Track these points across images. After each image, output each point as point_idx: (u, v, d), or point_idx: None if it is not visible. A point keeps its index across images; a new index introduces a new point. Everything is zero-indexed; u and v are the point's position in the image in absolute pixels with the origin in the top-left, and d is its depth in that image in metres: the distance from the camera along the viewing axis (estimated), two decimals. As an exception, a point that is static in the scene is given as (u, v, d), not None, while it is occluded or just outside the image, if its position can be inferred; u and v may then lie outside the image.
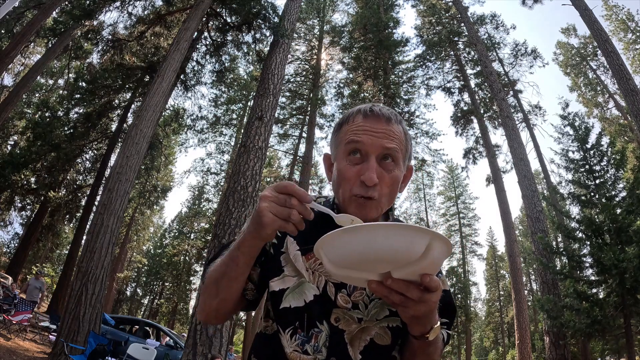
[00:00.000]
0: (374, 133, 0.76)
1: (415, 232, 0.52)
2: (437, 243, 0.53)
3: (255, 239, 0.67)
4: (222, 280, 0.75)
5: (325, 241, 0.57)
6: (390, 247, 0.52)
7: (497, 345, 33.21)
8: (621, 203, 8.27)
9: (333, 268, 0.59)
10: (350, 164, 0.77)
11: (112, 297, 25.57)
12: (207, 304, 0.79)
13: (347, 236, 0.54)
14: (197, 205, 28.67)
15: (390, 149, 0.76)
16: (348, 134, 0.79)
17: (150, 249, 33.57)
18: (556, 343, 8.98)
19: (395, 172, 0.77)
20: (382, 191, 0.76)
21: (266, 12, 10.20)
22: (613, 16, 23.46)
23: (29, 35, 11.50)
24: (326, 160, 0.90)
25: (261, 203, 0.63)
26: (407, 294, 0.56)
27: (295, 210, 0.62)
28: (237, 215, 6.45)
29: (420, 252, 0.52)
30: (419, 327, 0.65)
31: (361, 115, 0.80)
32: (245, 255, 0.71)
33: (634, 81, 10.57)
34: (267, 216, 0.62)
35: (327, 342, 0.75)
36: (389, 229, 0.52)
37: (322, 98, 16.48)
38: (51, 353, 6.70)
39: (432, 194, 33.27)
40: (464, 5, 17.19)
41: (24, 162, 14.07)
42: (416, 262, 0.53)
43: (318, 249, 0.60)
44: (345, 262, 0.56)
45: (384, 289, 0.56)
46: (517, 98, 17.65)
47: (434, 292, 0.57)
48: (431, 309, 0.60)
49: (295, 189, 0.62)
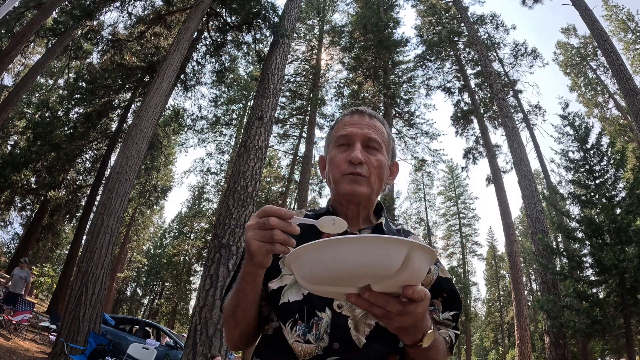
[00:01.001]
0: (358, 125, 0.88)
1: (389, 243, 0.47)
2: (417, 252, 0.49)
3: (251, 267, 0.68)
4: (237, 312, 0.78)
5: (294, 257, 0.53)
6: (363, 261, 0.47)
7: (497, 345, 33.21)
8: (621, 203, 8.27)
9: (307, 284, 0.55)
10: (339, 152, 0.87)
11: (112, 297, 25.57)
12: (231, 335, 0.83)
13: (315, 252, 0.50)
14: (197, 205, 28.67)
15: (372, 138, 0.86)
16: (337, 130, 0.90)
17: (150, 249, 33.58)
18: (556, 343, 8.98)
19: (380, 157, 0.86)
20: (370, 170, 0.84)
21: (266, 12, 10.20)
22: (613, 16, 23.47)
23: (29, 35, 11.50)
24: (321, 162, 0.97)
25: (247, 233, 0.64)
26: (388, 308, 0.53)
27: (278, 230, 0.61)
28: (237, 215, 6.45)
29: (397, 264, 0.48)
30: (409, 337, 0.63)
31: (348, 113, 0.92)
32: (250, 285, 0.73)
33: (634, 81, 10.57)
34: (253, 244, 0.63)
35: (329, 328, 0.75)
36: (361, 242, 0.47)
37: (322, 98, 16.49)
38: (51, 353, 6.70)
39: (432, 194, 33.31)
40: (464, 5, 17.19)
41: (24, 162, 14.07)
42: (395, 276, 0.49)
43: (289, 264, 0.56)
44: (317, 278, 0.52)
45: (364, 303, 0.53)
46: (517, 98, 17.65)
47: (418, 303, 0.54)
48: (418, 320, 0.57)
49: (274, 209, 0.62)
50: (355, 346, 0.74)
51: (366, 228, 0.88)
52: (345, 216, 0.87)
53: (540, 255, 9.83)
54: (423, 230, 30.72)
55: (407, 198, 33.15)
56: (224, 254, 6.09)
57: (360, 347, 0.74)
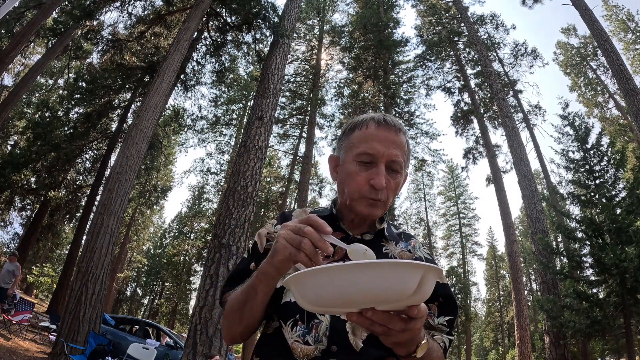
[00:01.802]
0: (386, 143, 0.83)
1: (406, 269, 0.47)
2: (430, 275, 0.49)
3: (269, 267, 0.68)
4: (244, 308, 0.77)
5: (298, 279, 0.51)
6: (378, 287, 0.47)
7: (497, 345, 33.20)
8: (621, 203, 8.27)
9: (308, 306, 0.54)
10: (361, 168, 0.83)
11: (112, 297, 25.57)
12: (233, 330, 0.83)
13: (325, 276, 0.48)
14: (197, 205, 28.67)
15: (397, 161, 0.84)
16: (360, 139, 0.85)
17: (150, 249, 33.57)
18: (556, 343, 8.98)
19: (398, 179, 0.86)
20: (387, 194, 0.84)
21: (266, 12, 10.20)
22: (613, 16, 23.46)
23: (29, 35, 11.50)
24: (332, 161, 0.93)
25: (280, 231, 0.64)
26: (390, 326, 0.53)
27: (307, 240, 0.60)
28: (237, 215, 6.45)
29: (412, 288, 0.48)
30: (404, 350, 0.64)
31: (374, 123, 0.86)
32: (263, 284, 0.72)
33: (634, 81, 10.56)
34: (280, 242, 0.63)
35: (328, 331, 0.76)
36: (377, 268, 0.46)
37: (322, 98, 16.49)
38: (51, 353, 6.70)
39: (432, 194, 33.31)
40: (464, 5, 17.19)
41: (24, 162, 14.07)
42: (407, 298, 0.49)
43: (289, 285, 0.54)
44: (323, 301, 0.51)
45: (365, 321, 0.53)
46: (517, 98, 17.65)
47: (418, 319, 0.55)
48: (414, 335, 0.58)
49: (316, 220, 0.62)
50: (353, 350, 0.75)
51: (368, 233, 0.91)
52: (351, 222, 0.90)
53: (540, 255, 9.83)
54: (423, 230, 30.72)
55: (407, 198, 33.17)
56: (224, 254, 6.09)
57: (357, 350, 0.75)
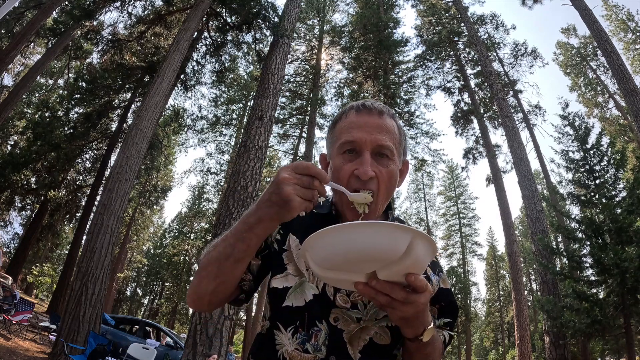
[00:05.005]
0: (367, 128, 0.76)
1: (395, 229, 0.53)
2: (420, 241, 0.54)
3: (274, 222, 0.65)
4: (226, 262, 0.71)
5: (310, 243, 0.58)
6: (372, 245, 0.53)
7: (497, 345, 33.21)
8: (621, 203, 8.26)
9: (320, 270, 0.60)
10: (345, 161, 0.77)
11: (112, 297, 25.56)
12: (203, 286, 0.75)
13: (329, 236, 0.55)
14: (197, 205, 28.66)
15: (384, 145, 0.76)
16: (342, 131, 0.79)
17: (150, 249, 33.57)
18: (556, 343, 8.98)
19: (392, 167, 0.77)
20: (380, 185, 0.76)
21: (266, 12, 10.20)
22: (613, 16, 23.46)
23: (29, 35, 11.51)
24: (322, 160, 0.89)
25: (284, 186, 0.60)
26: (392, 295, 0.57)
27: (317, 192, 0.62)
28: (237, 215, 6.45)
29: (402, 250, 0.54)
30: (411, 330, 0.66)
31: (354, 110, 0.80)
32: (259, 237, 0.68)
33: (634, 81, 10.57)
34: (295, 200, 0.60)
35: (327, 341, 0.75)
36: (370, 227, 0.53)
37: (322, 98, 16.49)
38: (51, 353, 6.70)
39: (432, 194, 33.32)
40: (464, 5, 17.19)
41: (24, 162, 14.08)
42: (399, 261, 0.55)
43: (304, 252, 0.61)
44: (330, 263, 0.57)
45: (370, 290, 0.58)
46: (517, 98, 17.64)
47: (421, 294, 0.58)
48: (419, 311, 0.61)
49: (318, 171, 0.62)
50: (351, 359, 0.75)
51: None
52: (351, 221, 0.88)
53: (540, 255, 9.83)
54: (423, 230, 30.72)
55: (407, 198, 33.15)
56: (224, 254, 6.08)
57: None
